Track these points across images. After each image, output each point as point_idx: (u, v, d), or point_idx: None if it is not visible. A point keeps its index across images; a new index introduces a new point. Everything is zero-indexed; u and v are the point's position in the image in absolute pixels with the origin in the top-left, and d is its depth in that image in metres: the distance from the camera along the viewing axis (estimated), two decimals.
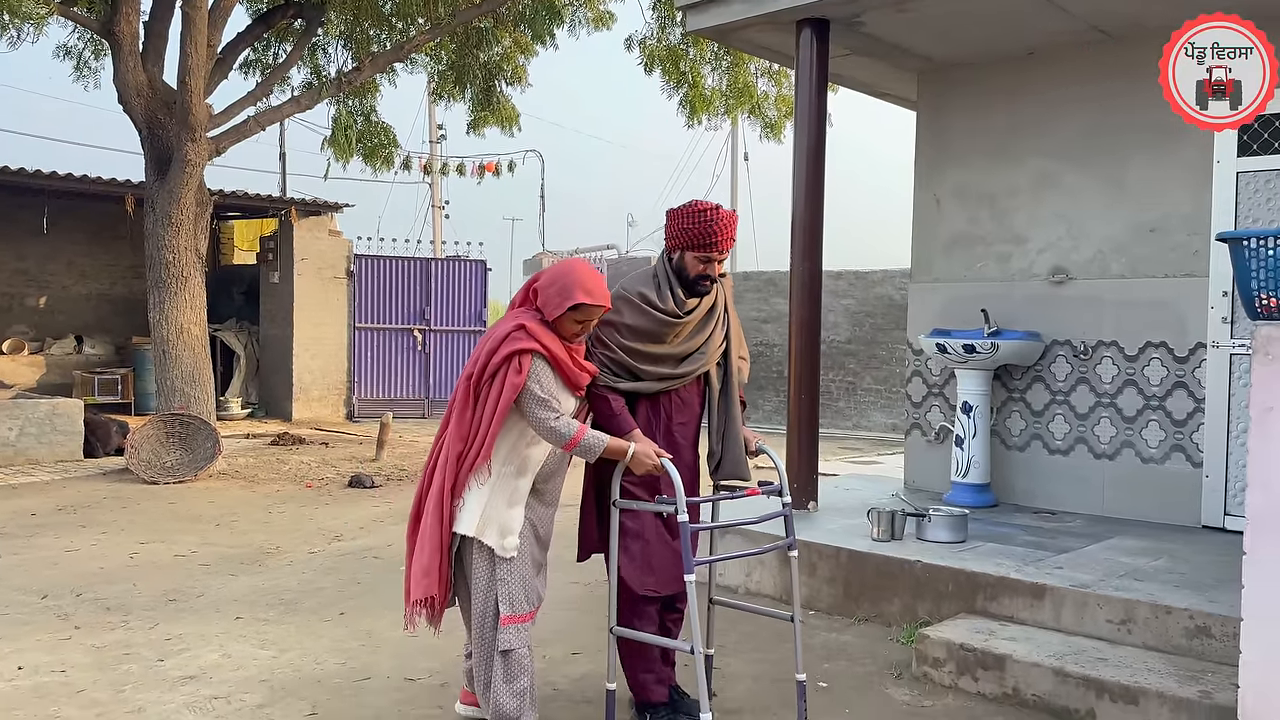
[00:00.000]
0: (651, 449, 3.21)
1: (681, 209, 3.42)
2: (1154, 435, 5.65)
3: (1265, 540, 2.91)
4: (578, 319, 3.15)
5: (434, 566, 3.14)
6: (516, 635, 3.15)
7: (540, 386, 3.09)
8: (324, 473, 9.46)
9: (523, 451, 3.20)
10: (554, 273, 3.19)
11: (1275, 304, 2.97)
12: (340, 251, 14.55)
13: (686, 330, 3.44)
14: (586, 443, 3.12)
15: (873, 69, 6.66)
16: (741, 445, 3.56)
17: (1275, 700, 2.88)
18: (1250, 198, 5.27)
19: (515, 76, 12.19)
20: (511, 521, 3.17)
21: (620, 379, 3.39)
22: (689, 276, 3.39)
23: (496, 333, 3.16)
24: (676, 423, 3.52)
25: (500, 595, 3.15)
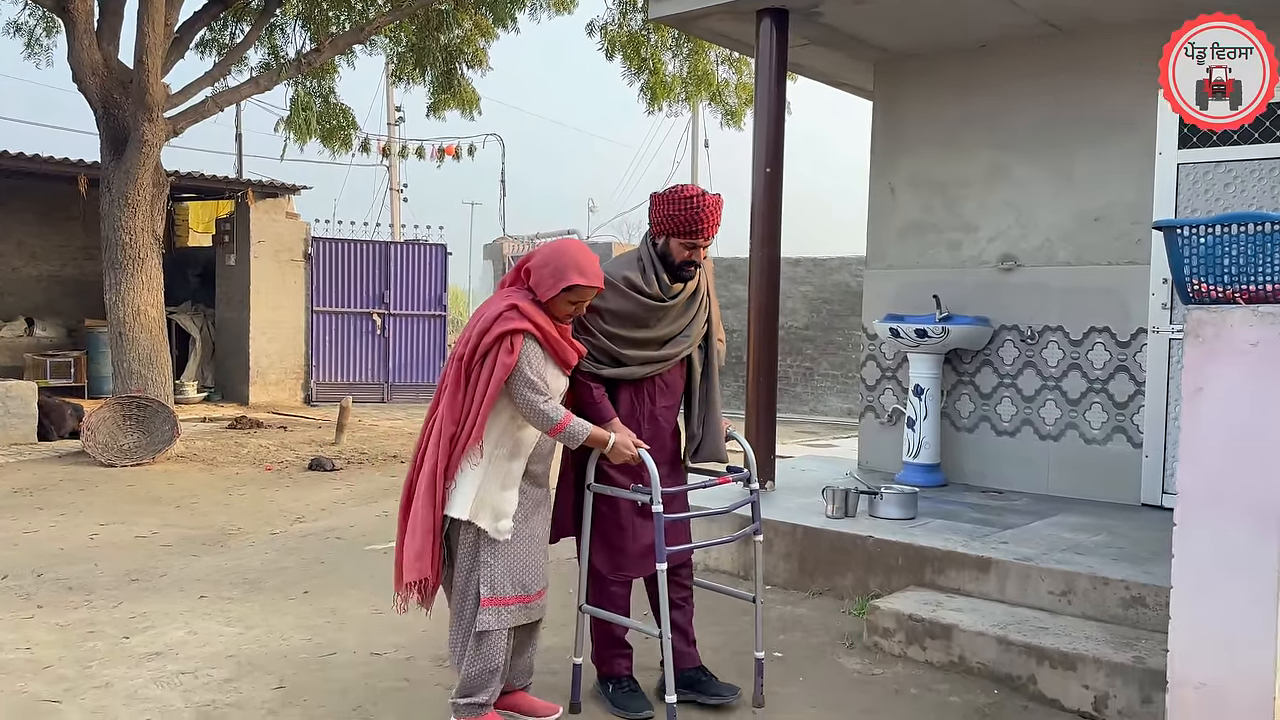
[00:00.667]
0: (631, 439, 3.22)
1: (666, 194, 3.42)
2: (1097, 417, 5.86)
3: (1194, 513, 3.08)
4: (571, 300, 3.13)
5: (427, 549, 3.12)
6: (495, 617, 3.14)
7: (530, 368, 3.07)
8: (283, 456, 9.45)
9: (515, 434, 3.18)
10: (548, 253, 3.17)
11: (1206, 289, 3.14)
12: (297, 234, 14.45)
13: (670, 314, 3.45)
14: (571, 429, 3.12)
15: (830, 59, 6.79)
16: (720, 430, 3.60)
17: (1199, 662, 3.05)
18: (1190, 188, 5.48)
19: (476, 59, 12.19)
20: (505, 505, 3.15)
21: (603, 365, 3.40)
22: (674, 261, 3.41)
23: (487, 312, 3.13)
24: (660, 407, 3.53)
25: (482, 577, 3.14)
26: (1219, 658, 3.03)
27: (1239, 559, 2.99)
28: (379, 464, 9.17)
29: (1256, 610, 2.96)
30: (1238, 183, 5.35)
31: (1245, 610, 2.98)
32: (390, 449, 10.02)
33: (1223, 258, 3.07)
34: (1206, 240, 3.10)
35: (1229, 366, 3.00)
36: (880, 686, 3.80)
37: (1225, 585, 3.01)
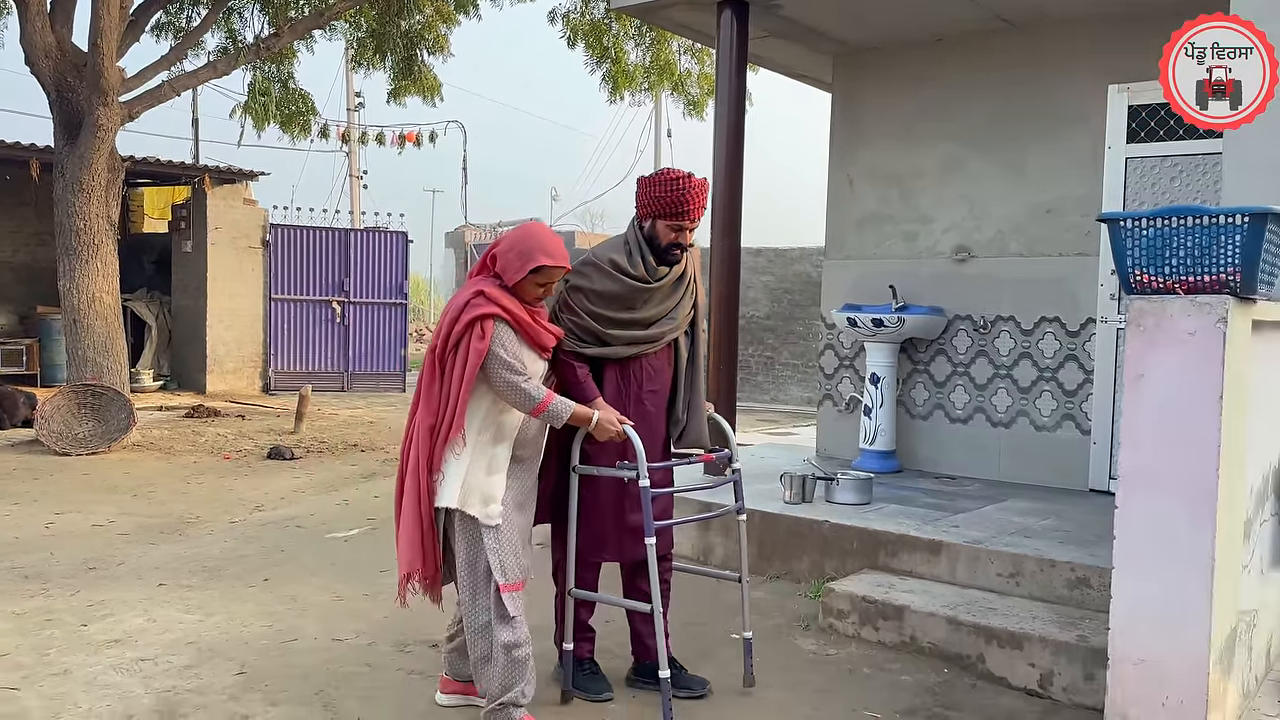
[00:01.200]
0: (614, 416, 3.23)
1: (653, 177, 3.44)
2: (1047, 405, 6.01)
3: (1134, 496, 3.19)
4: (539, 282, 3.14)
5: (417, 540, 3.10)
6: (513, 602, 3.10)
7: (505, 350, 3.07)
8: (242, 444, 9.39)
9: (496, 418, 3.16)
10: (513, 238, 3.18)
11: (1148, 280, 3.25)
12: (255, 221, 14.30)
13: (656, 296, 3.46)
14: (554, 408, 3.11)
15: (790, 51, 6.86)
16: (704, 415, 3.62)
17: (1138, 640, 3.17)
18: (1137, 181, 5.63)
19: (437, 46, 12.13)
20: (493, 489, 3.13)
21: (587, 345, 3.40)
22: (660, 245, 3.42)
23: (456, 302, 3.14)
24: (647, 390, 3.52)
25: (492, 564, 3.10)
26: (1157, 635, 3.15)
27: (1177, 540, 3.10)
28: (339, 453, 9.14)
29: (1193, 589, 3.08)
30: (1183, 176, 5.50)
31: (1183, 589, 3.09)
32: (350, 438, 9.99)
33: (1164, 249, 3.18)
34: (1148, 232, 3.20)
35: (1168, 355, 3.11)
36: (834, 667, 3.89)
37: (1164, 565, 3.13)
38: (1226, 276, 3.08)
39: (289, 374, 14.39)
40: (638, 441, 3.19)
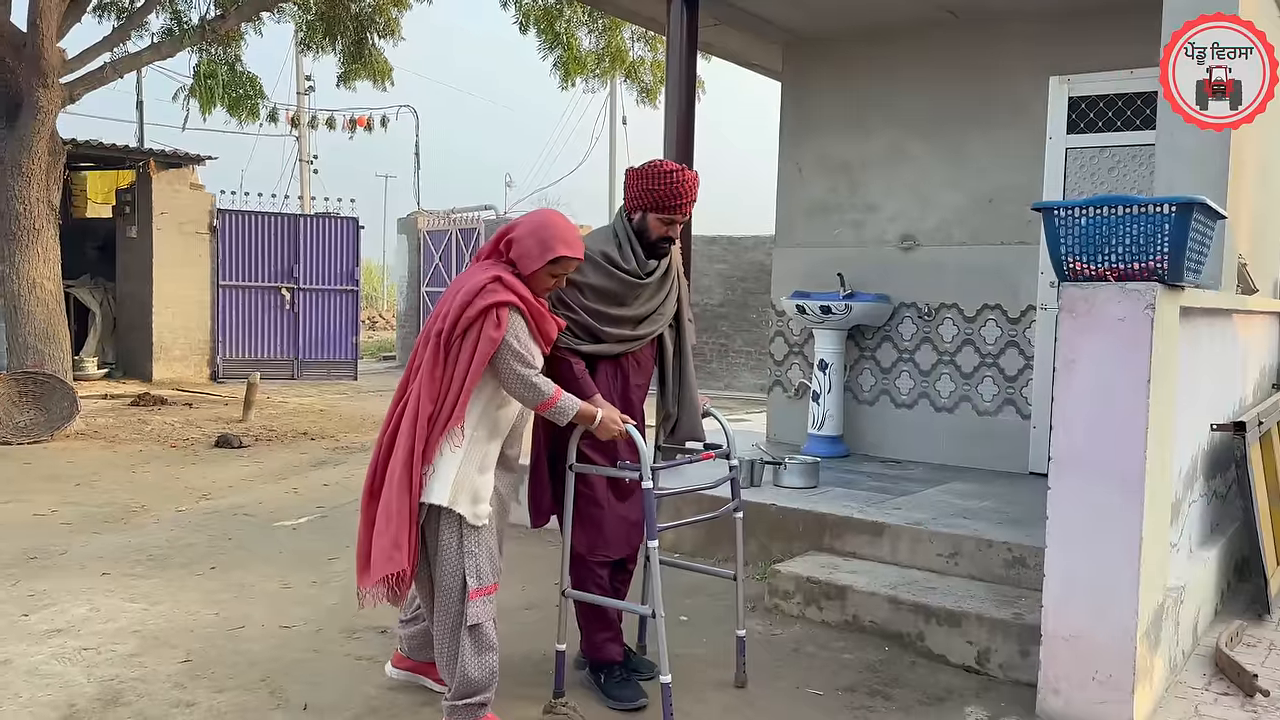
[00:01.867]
0: (617, 414, 3.15)
1: (644, 169, 3.36)
2: (989, 390, 6.14)
3: (1066, 477, 3.30)
4: (554, 272, 3.04)
5: (404, 540, 2.92)
6: (483, 608, 3.01)
7: (518, 341, 2.95)
8: (189, 433, 9.27)
9: (494, 414, 3.05)
10: (532, 224, 3.06)
11: (1081, 267, 3.34)
12: (203, 206, 14.07)
13: (646, 292, 3.40)
14: (562, 404, 3.01)
15: (740, 39, 6.91)
16: (697, 408, 3.56)
17: (1070, 616, 3.28)
18: (1077, 171, 5.76)
19: (388, 29, 12.03)
20: (483, 488, 3.03)
21: (582, 341, 3.32)
22: (651, 238, 3.35)
23: (468, 285, 2.97)
24: (633, 385, 3.47)
25: (468, 567, 2.99)
26: (1088, 611, 3.26)
27: (1106, 519, 3.21)
28: (288, 441, 9.06)
29: (1122, 566, 3.19)
30: (1121, 167, 5.64)
31: (1112, 566, 3.20)
32: (300, 426, 9.91)
33: (1095, 238, 3.27)
34: (1081, 221, 3.29)
35: (1099, 340, 3.21)
36: (780, 646, 3.96)
37: (1094, 543, 3.24)
38: (1155, 264, 3.19)
39: (238, 362, 14.21)
40: (641, 441, 3.12)
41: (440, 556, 3.01)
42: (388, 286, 33.09)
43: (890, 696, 3.51)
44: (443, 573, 3.01)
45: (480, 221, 17.08)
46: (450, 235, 17.27)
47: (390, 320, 29.12)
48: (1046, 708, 3.32)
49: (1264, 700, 3.51)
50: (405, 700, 3.40)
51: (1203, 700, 3.52)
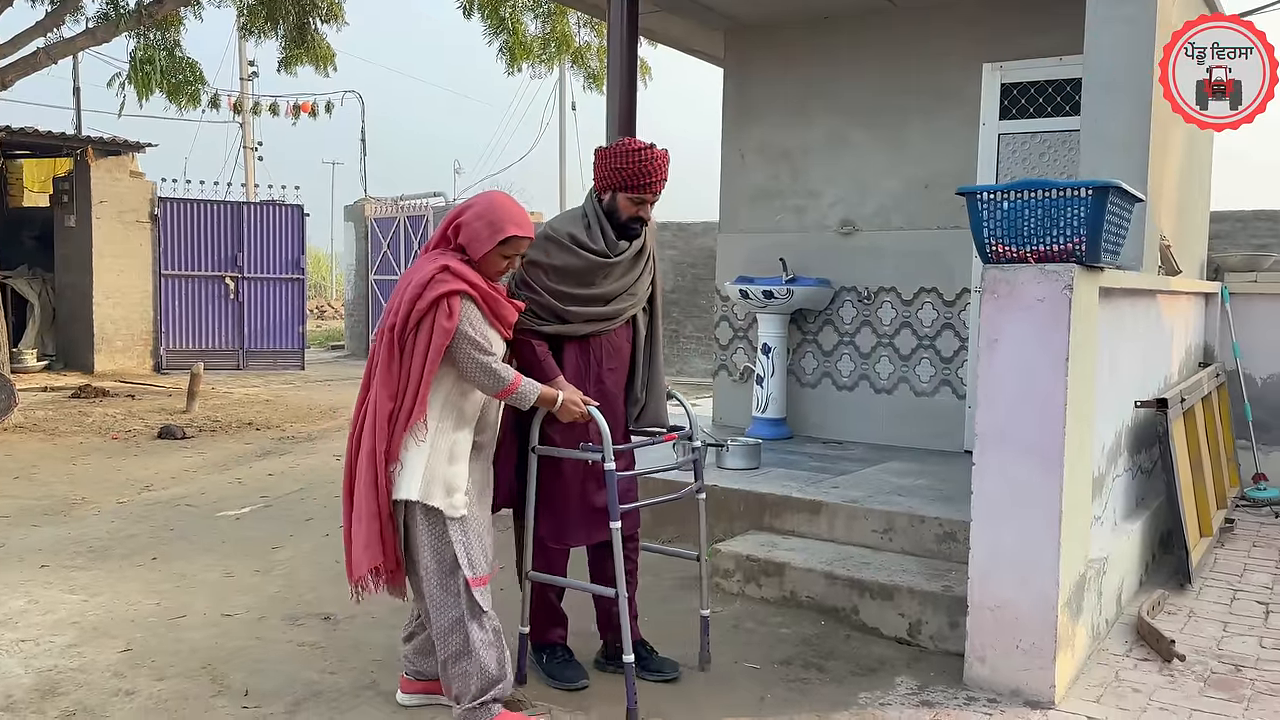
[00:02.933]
0: (579, 396, 3.11)
1: (613, 148, 3.29)
2: (926, 371, 6.28)
3: (989, 453, 3.41)
4: (505, 254, 3.00)
5: (375, 536, 2.90)
6: (484, 597, 2.96)
7: (473, 329, 2.90)
8: (131, 425, 9.14)
9: (457, 402, 3.00)
10: (479, 208, 3.00)
11: (1003, 250, 3.44)
12: (143, 194, 13.83)
13: (616, 271, 3.33)
14: (523, 390, 2.98)
15: (682, 26, 6.95)
16: (663, 393, 3.53)
17: (995, 587, 3.40)
18: (1009, 156, 5.90)
19: (331, 14, 11.86)
20: (456, 478, 2.97)
21: (545, 322, 3.26)
22: (621, 218, 3.29)
23: (416, 277, 2.92)
24: (607, 369, 3.41)
25: (460, 558, 2.94)
26: (1011, 582, 3.37)
27: (1028, 492, 3.33)
28: (233, 431, 8.98)
29: (1043, 538, 3.31)
30: (1051, 152, 5.79)
31: (1034, 538, 3.32)
32: (245, 416, 9.81)
33: (1016, 221, 3.37)
34: (1003, 206, 3.39)
35: (1019, 320, 3.32)
36: (720, 623, 4.03)
37: (1016, 516, 3.35)
38: (1073, 246, 3.30)
39: (182, 352, 14.01)
40: (603, 423, 3.09)
41: (424, 552, 2.95)
42: (337, 275, 32.71)
43: (824, 668, 3.61)
44: (429, 570, 2.95)
45: (429, 209, 16.96)
46: (398, 222, 17.13)
47: (339, 309, 28.81)
48: (973, 676, 3.43)
49: (1180, 665, 3.67)
50: (347, 684, 3.43)
51: (1123, 666, 3.66)
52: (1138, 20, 4.29)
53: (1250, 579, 4.76)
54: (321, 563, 4.87)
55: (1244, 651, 3.82)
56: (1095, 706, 3.31)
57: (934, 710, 3.27)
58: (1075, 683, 3.49)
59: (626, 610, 3.16)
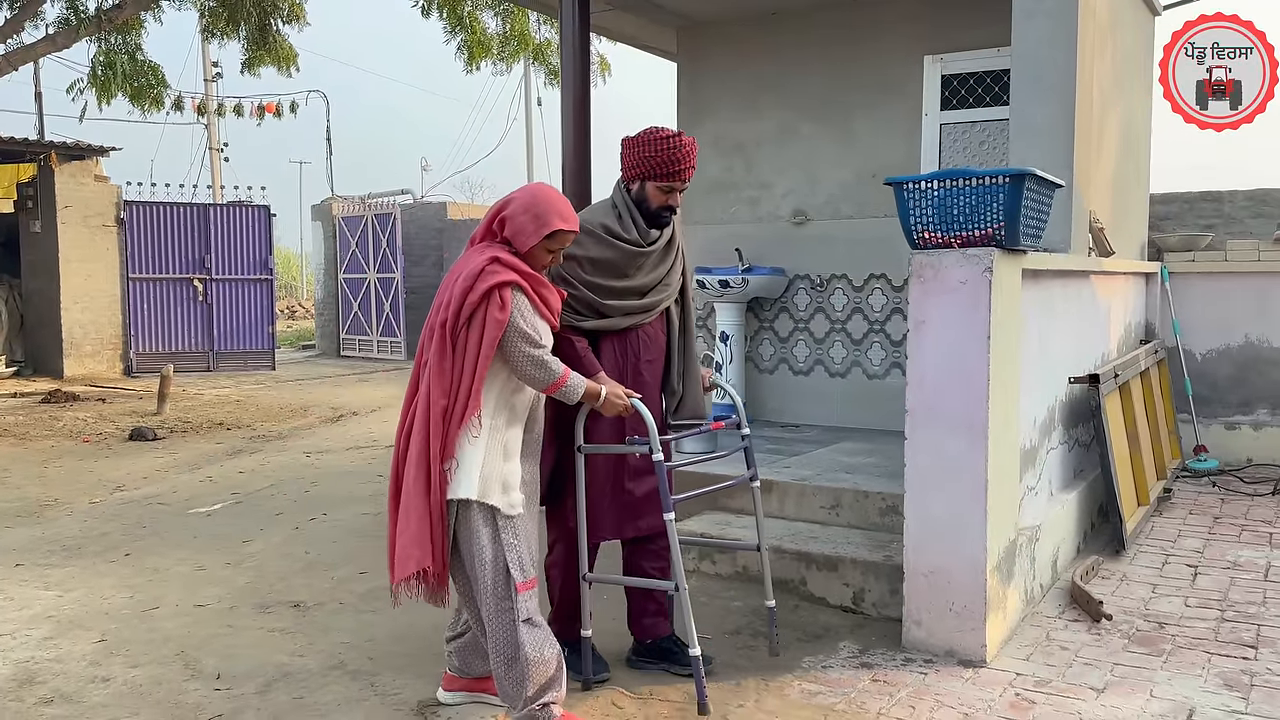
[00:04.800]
0: (621, 390, 3.07)
1: (641, 137, 3.26)
2: (877, 355, 6.49)
3: (920, 428, 3.61)
4: (550, 247, 2.96)
5: (425, 536, 2.83)
6: (531, 602, 2.90)
7: (525, 321, 2.86)
8: (102, 427, 9.21)
9: (509, 399, 2.95)
10: (525, 200, 2.96)
11: (930, 236, 3.63)
12: (108, 198, 13.83)
13: (650, 262, 3.31)
14: (572, 383, 2.94)
15: (635, 23, 7.11)
16: (700, 383, 3.51)
17: (928, 554, 3.60)
18: (950, 145, 6.11)
19: (293, 14, 11.94)
20: (511, 476, 2.92)
21: (584, 318, 3.24)
22: (651, 207, 3.27)
23: (466, 270, 2.88)
24: (644, 361, 3.38)
25: (510, 560, 2.87)
26: (943, 548, 3.58)
27: (955, 464, 3.53)
28: (204, 432, 9.07)
29: (970, 506, 3.51)
30: (990, 140, 6.00)
31: (962, 507, 3.52)
32: (216, 416, 9.90)
33: (940, 209, 3.56)
34: (928, 194, 3.58)
35: (944, 302, 3.52)
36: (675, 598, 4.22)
37: (946, 487, 3.55)
38: (993, 231, 3.49)
39: (152, 355, 14.04)
40: (648, 415, 3.05)
41: (478, 554, 2.88)
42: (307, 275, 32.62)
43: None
44: (484, 571, 2.89)
45: (396, 206, 17.03)
46: (366, 221, 17.19)
47: (310, 309, 28.77)
48: (910, 639, 3.63)
49: (1108, 624, 3.89)
50: (316, 665, 3.58)
51: (1054, 627, 3.88)
52: (1059, 13, 4.49)
53: (1183, 544, 5.00)
54: (291, 554, 5.02)
55: (1169, 610, 4.04)
56: (1024, 664, 3.52)
57: (872, 671, 3.47)
58: (1008, 643, 3.70)
59: (686, 602, 3.11)
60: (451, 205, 18.12)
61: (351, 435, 8.95)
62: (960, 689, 3.30)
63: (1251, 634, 3.78)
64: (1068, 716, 3.10)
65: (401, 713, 3.19)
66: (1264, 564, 4.65)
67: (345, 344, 17.84)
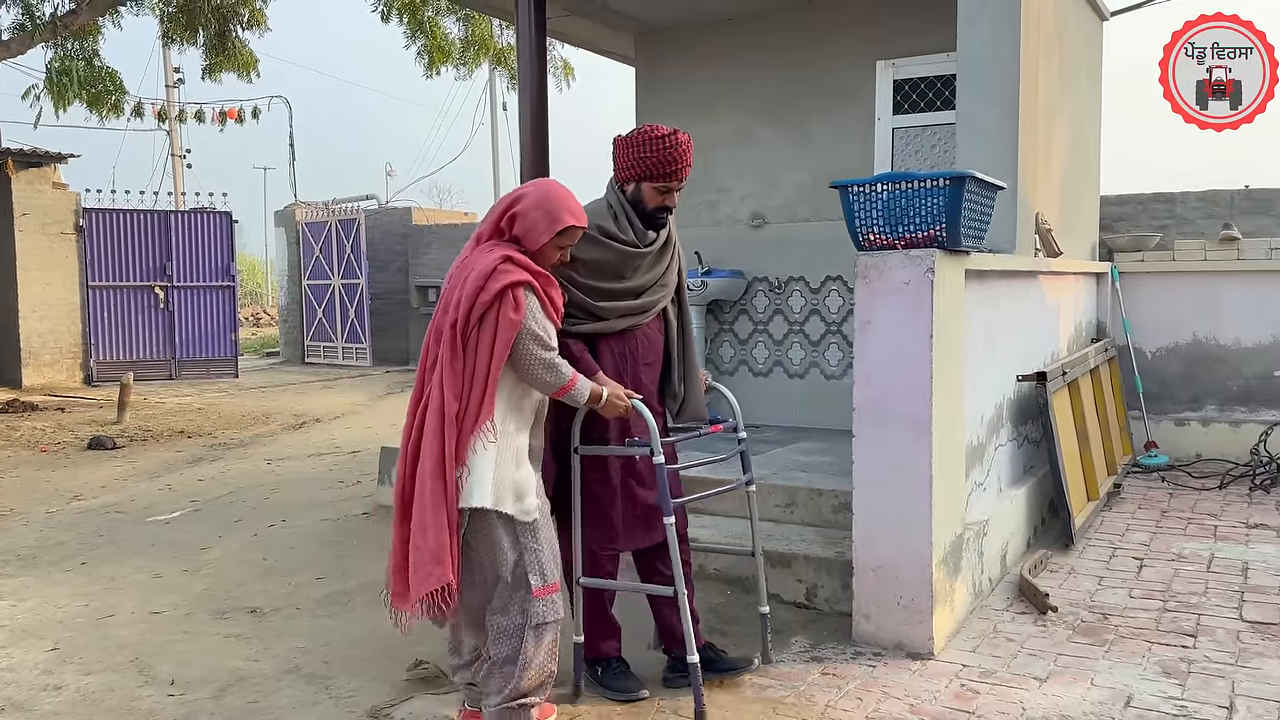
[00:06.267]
0: (622, 391, 3.01)
1: (634, 136, 3.18)
2: (834, 356, 6.57)
3: (867, 425, 3.68)
4: (561, 244, 2.90)
5: (445, 550, 2.70)
6: (549, 607, 2.82)
7: (537, 323, 2.80)
8: (61, 437, 9.12)
9: (518, 403, 2.87)
10: (536, 196, 2.88)
11: (875, 238, 3.71)
12: (67, 205, 13.68)
13: (646, 263, 3.25)
14: (580, 386, 2.88)
15: (592, 28, 7.16)
16: (701, 386, 3.47)
17: (876, 549, 3.66)
18: (903, 149, 6.21)
19: (253, 20, 11.89)
20: (524, 482, 2.84)
21: (579, 321, 3.15)
22: (647, 208, 3.19)
23: (477, 269, 2.79)
24: (643, 364, 3.31)
25: (529, 566, 2.80)
26: (891, 543, 3.64)
27: (901, 461, 3.60)
28: (164, 440, 9.00)
29: (916, 502, 3.58)
30: (941, 144, 6.11)
31: (908, 502, 3.59)
32: (177, 425, 9.83)
33: (885, 211, 3.64)
34: (872, 197, 3.66)
35: (888, 302, 3.59)
36: (628, 599, 4.25)
37: (892, 483, 3.62)
38: (936, 233, 3.57)
39: (112, 364, 13.89)
40: (649, 416, 2.99)
41: (495, 562, 2.81)
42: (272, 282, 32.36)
43: (727, 633, 3.84)
44: (503, 581, 2.81)
45: (360, 212, 16.96)
46: (330, 227, 17.11)
47: (275, 316, 28.54)
48: (860, 632, 3.70)
49: (1054, 616, 3.98)
50: (271, 669, 3.59)
51: (1002, 620, 3.96)
52: (1003, 18, 4.60)
53: (1130, 538, 5.11)
54: (250, 560, 5.01)
55: (1114, 602, 4.14)
56: (971, 655, 3.59)
57: (823, 664, 3.53)
58: (956, 635, 3.77)
59: (686, 608, 3.05)
60: (417, 211, 18.08)
61: (314, 442, 8.92)
62: (907, 681, 3.37)
63: (1192, 623, 3.88)
64: (1010, 706, 3.17)
65: (355, 715, 3.21)
66: (1207, 555, 4.77)
67: (310, 351, 17.74)
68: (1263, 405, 6.89)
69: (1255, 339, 6.92)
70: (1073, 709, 3.13)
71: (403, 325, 16.99)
